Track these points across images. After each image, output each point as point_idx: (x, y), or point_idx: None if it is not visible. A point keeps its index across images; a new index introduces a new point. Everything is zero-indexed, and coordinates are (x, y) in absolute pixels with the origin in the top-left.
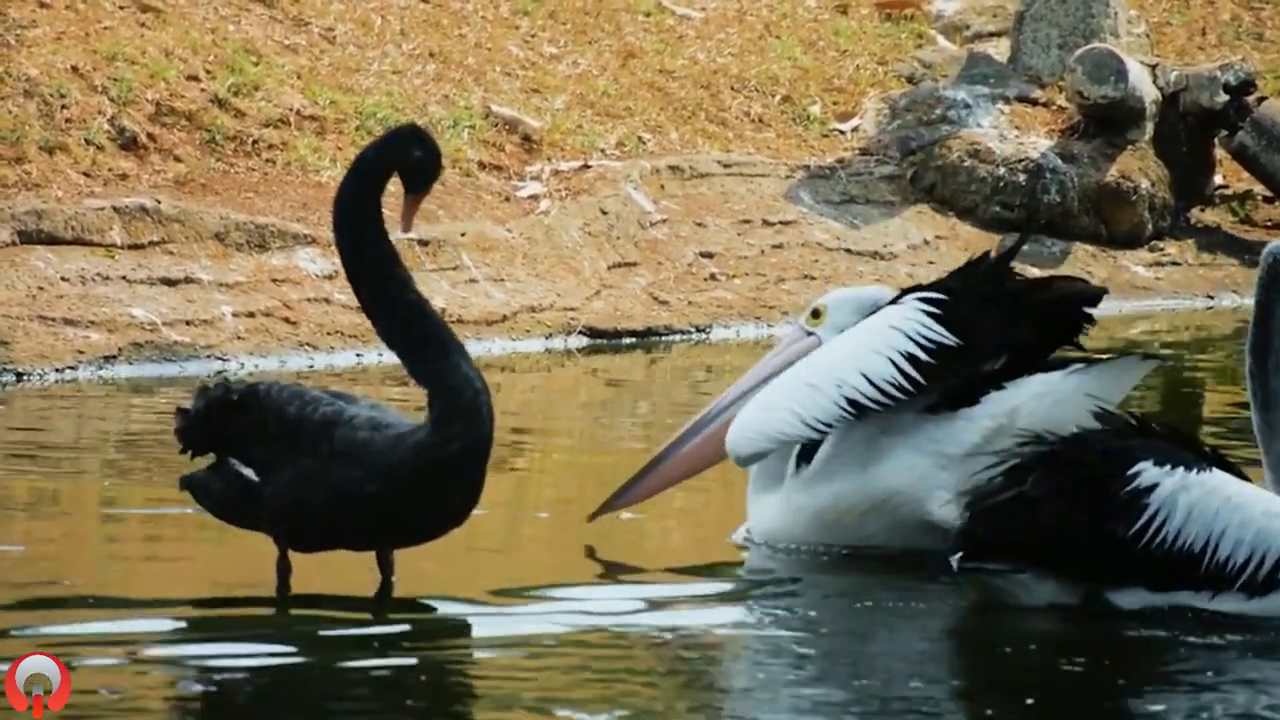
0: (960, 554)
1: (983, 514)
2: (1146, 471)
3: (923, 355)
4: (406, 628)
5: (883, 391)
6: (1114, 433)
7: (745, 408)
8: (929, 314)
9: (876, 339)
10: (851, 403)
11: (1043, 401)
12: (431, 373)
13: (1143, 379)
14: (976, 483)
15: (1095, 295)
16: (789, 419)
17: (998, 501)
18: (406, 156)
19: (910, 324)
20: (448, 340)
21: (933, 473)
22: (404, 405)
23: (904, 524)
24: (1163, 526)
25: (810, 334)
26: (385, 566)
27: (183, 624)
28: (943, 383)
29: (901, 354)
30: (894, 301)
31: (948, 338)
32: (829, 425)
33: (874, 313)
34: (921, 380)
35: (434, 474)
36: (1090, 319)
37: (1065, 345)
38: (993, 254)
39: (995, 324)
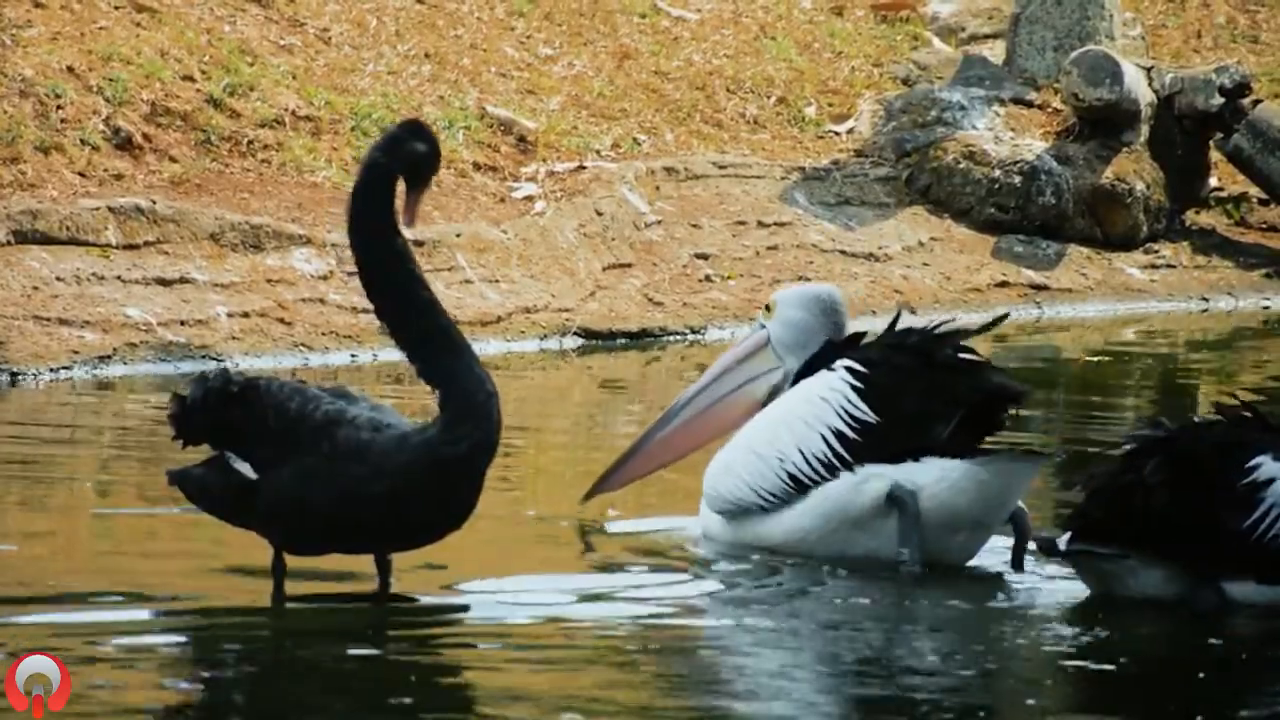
0: (1070, 535)
1: (1097, 497)
2: (1265, 465)
3: (848, 432)
4: (405, 627)
5: (816, 470)
6: (1232, 424)
7: (720, 454)
8: (853, 387)
9: (809, 409)
10: (791, 477)
11: (940, 486)
12: (445, 374)
13: (1040, 470)
14: (1094, 468)
15: (1019, 395)
16: (743, 489)
17: (1112, 486)
18: (414, 154)
19: (836, 397)
20: (459, 342)
21: (826, 533)
22: (399, 405)
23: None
24: (1278, 520)
25: (763, 327)
26: (382, 568)
27: (179, 623)
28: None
29: (830, 429)
30: (829, 365)
31: (869, 415)
32: (777, 496)
33: (820, 309)
34: (849, 458)
35: (442, 474)
36: (1006, 420)
37: (979, 438)
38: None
39: (915, 407)
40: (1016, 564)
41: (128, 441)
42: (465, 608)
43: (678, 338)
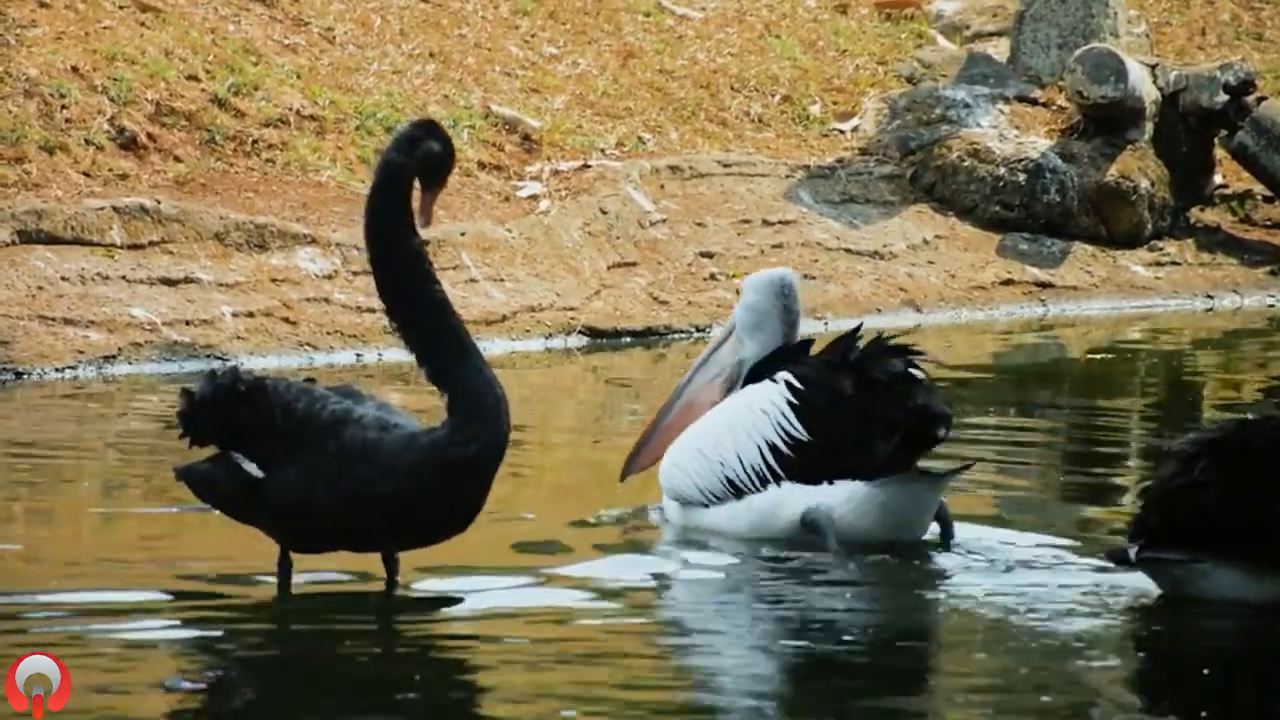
0: (1138, 545)
1: (1154, 502)
2: None
3: (782, 447)
4: (410, 625)
5: (750, 479)
6: None
7: (673, 448)
8: (790, 404)
9: (749, 419)
10: (730, 482)
11: (847, 508)
12: (453, 377)
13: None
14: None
15: (947, 420)
16: (689, 485)
17: (1167, 490)
18: (429, 154)
19: (774, 411)
20: (469, 344)
21: (755, 538)
22: (404, 405)
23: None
24: None
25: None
26: (390, 566)
27: (181, 622)
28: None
29: (766, 442)
30: (771, 376)
31: (801, 433)
32: (716, 496)
33: (773, 291)
34: (780, 472)
35: (450, 475)
36: (937, 441)
37: (915, 456)
38: (861, 339)
39: (846, 426)
40: (945, 547)
41: (132, 441)
42: (469, 606)
43: (683, 336)
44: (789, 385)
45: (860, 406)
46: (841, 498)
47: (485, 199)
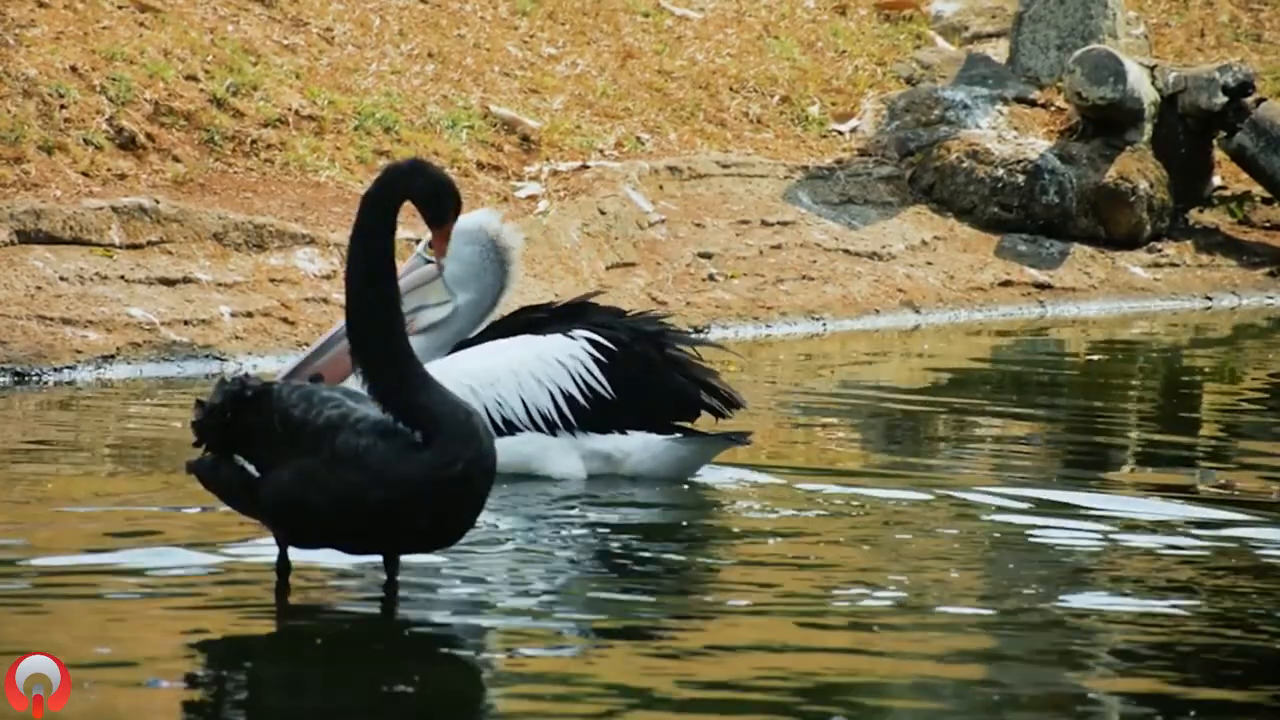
0: None
1: None
2: None
3: (581, 400)
4: (409, 624)
5: (533, 422)
6: None
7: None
8: (597, 362)
9: (543, 368)
10: (505, 420)
11: (644, 454)
12: (418, 406)
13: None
14: None
15: (737, 405)
16: None
17: None
18: (410, 188)
19: (576, 366)
20: (430, 378)
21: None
22: None
23: None
24: None
25: (429, 261)
26: (390, 566)
27: (181, 621)
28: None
29: (562, 392)
30: (565, 332)
31: (606, 391)
32: None
33: (487, 240)
34: (573, 422)
35: (440, 492)
36: (712, 412)
37: (681, 426)
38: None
39: (647, 390)
40: None
41: (131, 441)
42: (468, 605)
43: None
44: (596, 345)
45: (663, 374)
46: (637, 445)
47: (484, 199)
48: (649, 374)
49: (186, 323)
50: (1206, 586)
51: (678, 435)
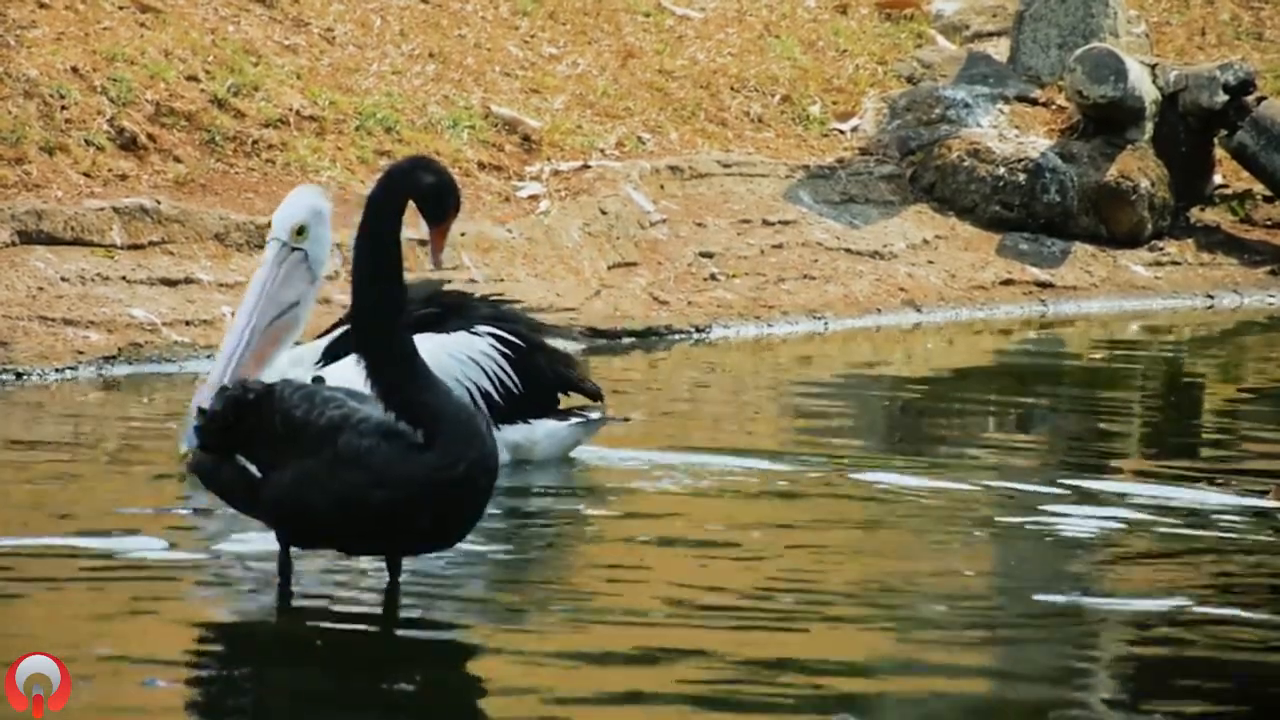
0: None
1: None
2: None
3: (494, 394)
4: (410, 625)
5: None
6: None
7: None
8: (509, 359)
9: (458, 367)
10: None
11: (551, 441)
12: (420, 405)
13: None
14: None
15: (597, 396)
16: None
17: None
18: (415, 184)
19: (489, 363)
20: (434, 377)
21: None
22: None
23: None
24: None
25: (297, 249)
26: (393, 566)
27: (180, 621)
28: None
29: (478, 388)
30: (470, 330)
31: (515, 384)
32: None
33: (326, 219)
34: (489, 415)
35: (441, 493)
36: (586, 394)
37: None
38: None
39: (549, 380)
40: None
41: (132, 442)
42: (469, 605)
43: (683, 336)
44: (506, 343)
45: (558, 369)
46: (545, 433)
47: (485, 199)
48: (551, 365)
49: (188, 323)
50: (1206, 586)
51: (573, 420)
